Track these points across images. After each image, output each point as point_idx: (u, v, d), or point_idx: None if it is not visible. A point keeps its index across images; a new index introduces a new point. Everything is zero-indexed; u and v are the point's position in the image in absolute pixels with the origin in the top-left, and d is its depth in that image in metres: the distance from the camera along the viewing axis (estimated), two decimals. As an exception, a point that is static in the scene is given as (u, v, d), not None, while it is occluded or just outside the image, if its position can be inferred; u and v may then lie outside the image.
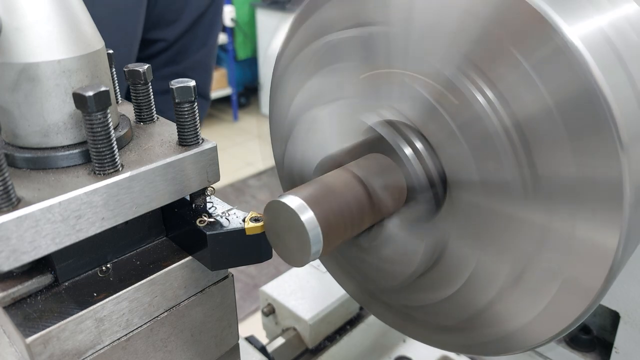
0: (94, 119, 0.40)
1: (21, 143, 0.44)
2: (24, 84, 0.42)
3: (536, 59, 0.37)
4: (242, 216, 0.49)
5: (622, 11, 0.44)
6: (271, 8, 4.56)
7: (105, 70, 0.46)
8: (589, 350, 0.70)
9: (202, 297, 0.52)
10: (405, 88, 0.45)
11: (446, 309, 0.50)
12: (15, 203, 0.38)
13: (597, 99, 0.35)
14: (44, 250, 0.39)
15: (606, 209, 0.37)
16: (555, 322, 0.42)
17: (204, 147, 0.48)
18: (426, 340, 0.55)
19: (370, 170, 0.46)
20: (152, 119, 0.54)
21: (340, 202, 0.43)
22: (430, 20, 0.42)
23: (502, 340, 0.46)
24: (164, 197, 0.46)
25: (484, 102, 0.40)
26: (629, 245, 0.39)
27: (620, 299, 0.62)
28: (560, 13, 0.36)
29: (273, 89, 0.61)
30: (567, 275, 0.40)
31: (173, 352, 0.51)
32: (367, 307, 0.63)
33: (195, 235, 0.48)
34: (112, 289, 0.45)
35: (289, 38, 0.57)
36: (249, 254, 0.48)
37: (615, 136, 0.35)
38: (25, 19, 0.41)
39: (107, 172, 0.42)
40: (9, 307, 0.42)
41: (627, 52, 0.40)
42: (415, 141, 0.45)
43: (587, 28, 0.38)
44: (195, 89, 0.46)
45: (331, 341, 0.92)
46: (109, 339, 0.45)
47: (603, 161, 0.36)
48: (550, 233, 0.40)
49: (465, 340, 0.50)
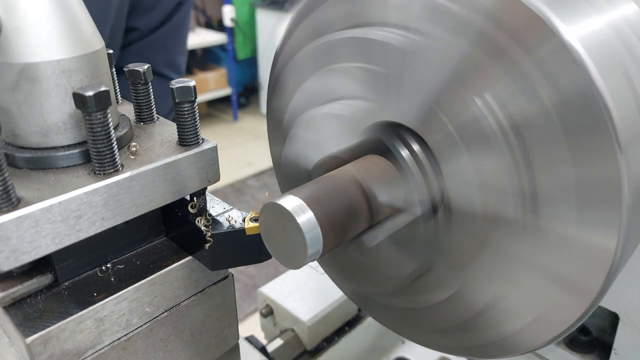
0: (94, 119, 0.40)
1: (21, 143, 0.44)
2: (24, 84, 0.42)
3: (534, 60, 0.37)
4: (242, 216, 0.49)
5: (621, 12, 0.43)
6: (271, 8, 4.56)
7: (105, 70, 0.46)
8: (588, 351, 0.70)
9: (202, 297, 0.52)
10: (403, 89, 0.45)
11: (443, 312, 0.50)
12: (15, 203, 0.38)
13: (595, 101, 0.35)
14: (44, 250, 0.39)
15: (604, 210, 0.36)
16: (554, 324, 0.42)
17: (204, 147, 0.48)
18: (424, 343, 0.55)
19: (367, 172, 0.46)
20: (152, 119, 0.54)
21: (338, 203, 0.43)
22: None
23: (500, 342, 0.46)
24: (164, 197, 0.46)
25: (481, 103, 0.40)
26: (627, 246, 0.38)
27: (620, 301, 0.62)
28: (559, 14, 0.36)
29: (270, 89, 0.61)
30: (566, 278, 0.40)
31: (173, 352, 0.51)
32: (365, 309, 0.63)
33: (196, 235, 0.48)
34: (112, 289, 0.45)
35: (286, 38, 0.57)
36: (249, 254, 0.48)
37: (614, 138, 0.35)
38: (25, 19, 0.41)
39: (107, 172, 0.42)
40: (9, 307, 0.42)
41: (626, 53, 0.40)
42: (412, 143, 0.45)
43: (586, 29, 0.38)
44: (195, 88, 0.46)
45: (330, 342, 0.92)
46: (109, 339, 0.45)
47: (601, 163, 0.36)
48: (548, 235, 0.40)
49: (463, 342, 0.50)
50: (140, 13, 1.34)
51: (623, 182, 0.35)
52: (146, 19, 1.35)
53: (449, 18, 0.41)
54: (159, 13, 1.37)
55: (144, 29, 1.36)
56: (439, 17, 0.41)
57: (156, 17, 1.37)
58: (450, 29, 0.41)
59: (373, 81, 0.48)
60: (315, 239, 0.40)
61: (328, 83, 0.52)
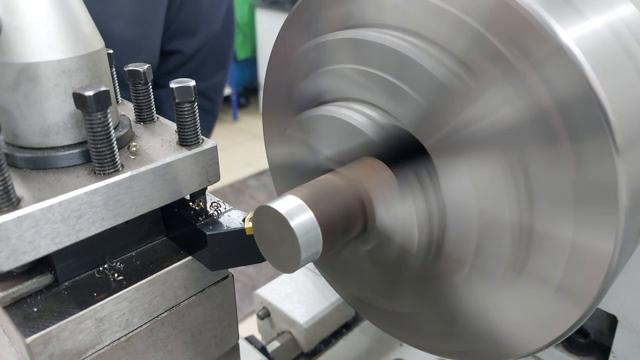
0: (94, 118, 0.40)
1: (21, 143, 0.44)
2: (24, 84, 0.42)
3: (530, 62, 0.37)
4: (242, 216, 0.50)
5: (619, 13, 0.43)
6: (271, 8, 4.56)
7: (105, 70, 0.46)
8: (587, 354, 0.70)
9: (202, 297, 0.52)
10: (399, 91, 0.45)
11: (439, 316, 0.50)
12: (15, 203, 0.38)
13: (592, 103, 0.34)
14: (44, 250, 0.39)
15: (602, 213, 0.36)
16: (551, 328, 0.41)
17: (204, 147, 0.48)
18: (420, 346, 0.55)
19: (362, 174, 0.45)
20: (152, 119, 0.54)
21: (334, 206, 0.43)
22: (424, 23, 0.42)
23: (498, 346, 0.46)
24: (164, 197, 0.46)
25: (477, 105, 0.40)
26: (625, 250, 0.38)
27: (618, 303, 0.62)
28: (555, 15, 0.36)
29: (266, 90, 0.61)
30: (563, 281, 0.40)
31: (173, 352, 0.51)
32: (361, 312, 0.63)
33: (195, 235, 0.48)
34: (112, 289, 0.45)
35: (282, 39, 0.57)
36: (249, 254, 0.48)
37: (611, 140, 0.34)
38: (25, 18, 0.41)
39: (107, 172, 0.42)
40: (9, 307, 0.42)
41: (624, 54, 0.40)
42: (408, 145, 0.45)
43: (583, 30, 0.38)
44: (195, 88, 0.46)
45: (327, 345, 0.92)
46: (109, 339, 0.45)
47: (598, 165, 0.35)
48: (545, 238, 0.39)
49: (460, 346, 0.49)
50: (183, 37, 1.40)
51: (620, 184, 0.35)
52: (189, 42, 1.42)
53: (445, 20, 0.41)
54: (202, 37, 1.43)
55: (187, 52, 1.42)
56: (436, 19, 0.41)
57: (198, 42, 1.43)
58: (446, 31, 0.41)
59: (369, 83, 0.47)
60: (315, 240, 0.40)
61: (323, 84, 0.52)
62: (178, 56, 1.43)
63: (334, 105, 0.50)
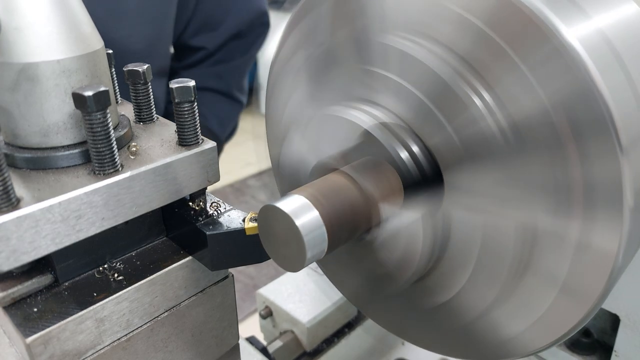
0: (93, 118, 0.40)
1: (21, 143, 0.44)
2: (24, 84, 0.42)
3: (534, 60, 0.36)
4: (242, 216, 0.49)
5: (622, 12, 0.43)
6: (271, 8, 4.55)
7: (105, 70, 0.46)
8: (589, 353, 0.70)
9: (203, 297, 0.51)
10: (402, 91, 0.45)
11: (443, 315, 0.49)
12: (15, 203, 0.38)
13: (595, 101, 0.34)
14: (44, 251, 0.39)
15: (606, 212, 0.36)
16: (555, 327, 0.41)
17: (204, 147, 0.48)
18: (424, 345, 0.55)
19: (366, 174, 0.45)
20: (152, 119, 0.54)
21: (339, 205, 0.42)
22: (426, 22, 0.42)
23: (501, 345, 0.46)
24: (164, 197, 0.46)
25: (480, 104, 0.40)
26: (629, 249, 0.38)
27: (621, 302, 0.62)
28: (558, 14, 0.36)
29: (269, 91, 0.61)
30: (567, 280, 0.39)
31: (173, 352, 0.51)
32: (364, 311, 0.63)
33: (196, 235, 0.48)
34: (112, 289, 0.45)
35: (283, 40, 0.57)
36: (249, 254, 0.48)
37: (615, 139, 0.34)
38: (25, 18, 0.41)
39: (107, 172, 0.42)
40: (9, 307, 0.42)
41: (627, 53, 0.40)
42: (411, 144, 0.45)
43: (586, 29, 0.38)
44: (195, 88, 0.46)
45: (329, 344, 0.92)
46: (109, 339, 0.45)
47: (602, 164, 0.35)
48: (549, 237, 0.39)
49: (464, 344, 0.49)
50: (205, 32, 1.38)
51: (625, 183, 0.35)
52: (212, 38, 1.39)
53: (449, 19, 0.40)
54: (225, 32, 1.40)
55: (210, 48, 1.40)
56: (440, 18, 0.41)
57: (221, 37, 1.40)
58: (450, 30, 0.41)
59: (371, 82, 0.47)
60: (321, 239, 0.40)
61: (324, 85, 0.52)
62: (201, 52, 1.41)
63: (338, 104, 0.50)
